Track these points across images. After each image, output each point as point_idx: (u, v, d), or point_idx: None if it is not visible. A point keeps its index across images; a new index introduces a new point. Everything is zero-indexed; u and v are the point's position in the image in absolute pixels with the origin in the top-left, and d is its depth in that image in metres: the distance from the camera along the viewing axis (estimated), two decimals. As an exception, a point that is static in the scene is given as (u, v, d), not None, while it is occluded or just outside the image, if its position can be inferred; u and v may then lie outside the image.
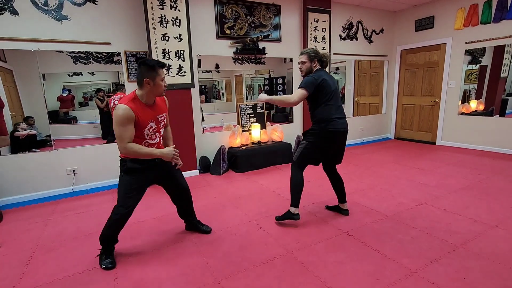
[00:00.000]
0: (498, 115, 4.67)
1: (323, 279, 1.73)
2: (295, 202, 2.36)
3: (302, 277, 1.76)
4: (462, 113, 5.04)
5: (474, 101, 5.03)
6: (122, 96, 3.65)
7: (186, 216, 2.33)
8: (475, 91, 5.03)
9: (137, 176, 1.88)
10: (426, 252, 1.96)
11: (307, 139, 2.40)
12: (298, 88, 2.28)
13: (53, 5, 3.13)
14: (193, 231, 2.37)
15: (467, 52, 4.84)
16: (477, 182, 3.31)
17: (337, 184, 2.59)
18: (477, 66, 4.92)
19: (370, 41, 5.63)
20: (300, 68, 2.41)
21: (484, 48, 4.70)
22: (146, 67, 1.76)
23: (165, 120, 1.99)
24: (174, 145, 2.01)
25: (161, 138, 2.01)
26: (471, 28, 4.70)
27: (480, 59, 4.86)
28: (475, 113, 4.98)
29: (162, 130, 1.98)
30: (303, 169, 2.42)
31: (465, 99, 5.07)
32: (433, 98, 5.39)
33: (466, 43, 4.79)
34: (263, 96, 2.29)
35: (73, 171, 3.47)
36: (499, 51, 4.54)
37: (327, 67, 2.48)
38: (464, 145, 5.02)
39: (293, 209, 2.37)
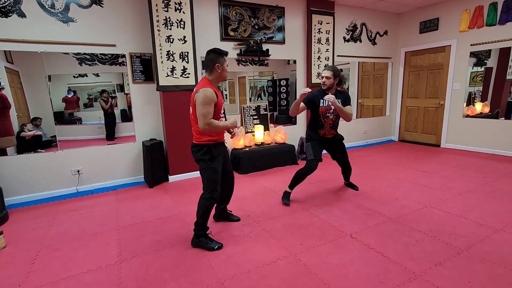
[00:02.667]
0: (503, 118, 4.63)
1: (326, 282, 1.72)
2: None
3: (305, 279, 1.76)
4: (467, 116, 5.00)
5: (479, 103, 4.99)
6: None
7: (223, 202, 2.48)
8: (480, 93, 4.99)
9: (219, 162, 2.12)
10: (430, 255, 1.95)
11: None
12: (348, 105, 2.79)
13: (60, 7, 3.17)
14: (222, 220, 2.56)
15: (472, 54, 4.81)
16: (482, 185, 3.28)
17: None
18: (482, 68, 4.89)
19: (374, 43, 5.62)
20: (323, 82, 2.73)
21: (490, 50, 4.67)
22: (216, 54, 2.02)
23: None
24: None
25: None
26: (476, 30, 4.67)
27: (485, 61, 4.82)
28: (480, 115, 4.94)
29: None
30: None
31: (470, 101, 5.04)
32: (437, 100, 5.36)
33: (471, 45, 4.76)
34: (335, 99, 2.58)
35: (78, 171, 3.49)
36: (504, 53, 4.51)
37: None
38: (469, 148, 4.98)
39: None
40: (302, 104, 2.68)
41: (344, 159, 3.07)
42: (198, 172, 2.15)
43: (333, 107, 2.72)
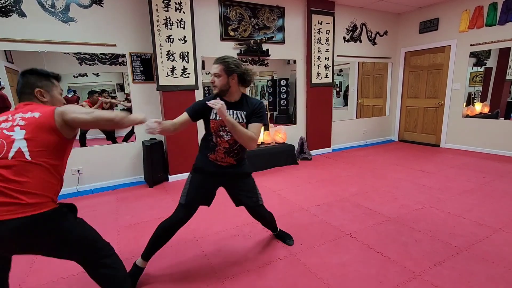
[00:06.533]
0: (503, 118, 4.64)
1: (326, 281, 1.73)
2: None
3: (305, 278, 1.76)
4: (467, 116, 5.01)
5: (479, 103, 4.99)
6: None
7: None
8: (480, 94, 5.00)
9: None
10: (429, 255, 1.95)
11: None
12: (257, 124, 1.71)
13: (60, 7, 3.18)
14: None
15: (472, 54, 4.82)
16: (482, 185, 3.28)
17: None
18: (482, 69, 4.89)
19: (374, 43, 5.63)
20: (212, 83, 1.69)
21: (489, 51, 4.68)
22: (36, 76, 1.36)
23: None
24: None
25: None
26: (476, 30, 4.68)
27: (485, 61, 4.83)
28: (480, 115, 4.95)
29: None
30: None
31: (469, 101, 5.04)
32: (437, 101, 5.36)
33: (471, 45, 4.76)
34: (223, 108, 1.54)
35: (78, 171, 3.50)
36: (504, 54, 4.51)
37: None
38: (468, 148, 4.99)
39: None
40: (184, 114, 1.75)
41: (251, 203, 1.92)
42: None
43: None
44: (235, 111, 1.71)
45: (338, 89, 6.24)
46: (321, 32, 4.75)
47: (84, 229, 1.31)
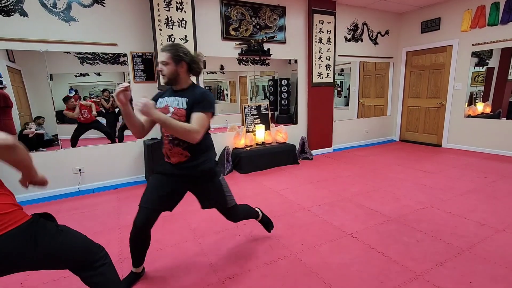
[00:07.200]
0: (505, 118, 4.62)
1: (327, 281, 1.72)
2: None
3: (306, 278, 1.76)
4: (469, 116, 4.99)
5: (480, 103, 4.97)
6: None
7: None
8: (482, 94, 4.98)
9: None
10: (431, 255, 1.94)
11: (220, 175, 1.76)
12: (199, 113, 1.51)
13: (62, 7, 3.18)
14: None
15: (474, 54, 4.80)
16: (484, 185, 3.27)
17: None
18: (484, 68, 4.87)
19: (376, 43, 5.61)
20: (160, 71, 1.62)
21: (491, 50, 4.66)
22: None
23: None
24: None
25: None
26: (478, 30, 4.66)
27: (487, 61, 4.81)
28: (482, 115, 4.93)
29: None
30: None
31: (471, 101, 5.03)
32: (439, 100, 5.34)
33: (473, 45, 4.74)
34: (146, 108, 1.45)
35: (79, 170, 3.50)
36: (506, 53, 4.49)
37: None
38: (470, 148, 4.97)
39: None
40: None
41: (220, 208, 1.78)
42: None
43: (171, 110, 1.57)
44: (177, 98, 1.59)
45: (339, 89, 6.23)
46: (322, 32, 4.74)
47: (69, 237, 1.18)
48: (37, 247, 1.03)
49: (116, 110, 3.90)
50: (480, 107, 4.97)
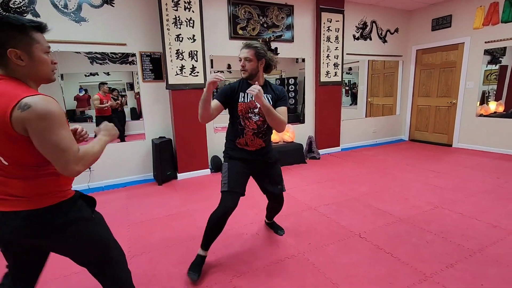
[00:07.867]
0: (519, 117, 4.51)
1: (335, 281, 1.71)
2: None
3: (313, 278, 1.75)
4: (481, 115, 4.88)
5: (493, 102, 4.86)
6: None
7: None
8: (495, 92, 4.86)
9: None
10: (441, 257, 1.91)
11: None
12: (283, 107, 1.84)
13: (73, 7, 3.23)
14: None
15: (487, 52, 4.68)
16: (496, 186, 3.20)
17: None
18: (497, 67, 4.75)
19: (385, 41, 5.54)
20: (242, 67, 1.79)
21: (505, 48, 4.54)
22: (5, 31, 0.94)
23: None
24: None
25: None
26: (491, 27, 4.55)
27: (500, 59, 4.69)
28: (494, 114, 4.81)
29: None
30: None
31: (483, 100, 4.91)
32: (449, 99, 5.24)
33: (485, 42, 4.63)
34: (260, 94, 1.60)
35: (89, 168, 3.56)
36: (520, 51, 4.38)
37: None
38: (482, 148, 4.87)
39: None
40: (215, 101, 1.77)
41: (276, 191, 2.01)
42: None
43: (258, 105, 1.76)
44: (264, 94, 1.75)
45: (347, 88, 6.17)
46: (330, 30, 4.70)
47: (96, 228, 1.18)
48: (63, 227, 1.05)
49: (125, 109, 3.96)
50: (492, 106, 4.86)
